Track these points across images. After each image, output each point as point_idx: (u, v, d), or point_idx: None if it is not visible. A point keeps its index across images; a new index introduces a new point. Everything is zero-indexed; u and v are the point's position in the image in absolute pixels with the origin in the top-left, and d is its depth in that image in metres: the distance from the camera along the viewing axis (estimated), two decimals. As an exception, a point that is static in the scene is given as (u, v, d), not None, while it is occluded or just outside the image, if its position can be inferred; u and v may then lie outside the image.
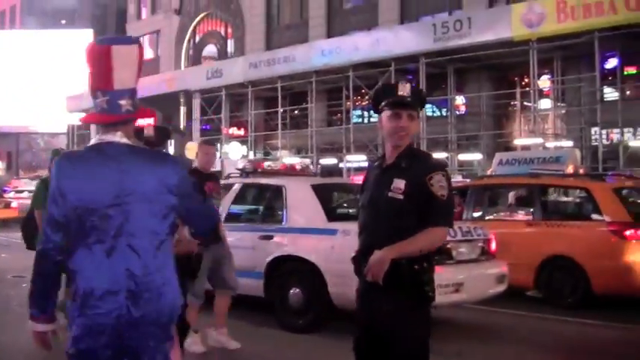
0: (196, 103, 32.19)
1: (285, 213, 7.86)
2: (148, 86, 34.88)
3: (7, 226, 22.68)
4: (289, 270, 7.58)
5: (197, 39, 40.74)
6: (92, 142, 2.86)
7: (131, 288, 2.68)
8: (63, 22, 52.60)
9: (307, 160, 27.41)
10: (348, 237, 6.97)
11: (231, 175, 9.65)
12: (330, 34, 30.97)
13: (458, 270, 7.07)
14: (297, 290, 7.38)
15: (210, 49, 39.74)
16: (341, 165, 27.32)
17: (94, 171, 2.73)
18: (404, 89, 3.46)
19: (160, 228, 2.79)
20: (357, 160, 26.00)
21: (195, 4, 39.88)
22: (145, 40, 45.20)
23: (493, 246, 7.82)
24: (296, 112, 31.49)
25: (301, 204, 7.82)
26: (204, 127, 33.00)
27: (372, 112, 3.79)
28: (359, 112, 29.70)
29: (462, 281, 6.92)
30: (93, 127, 34.76)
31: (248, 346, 6.67)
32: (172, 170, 2.86)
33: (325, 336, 7.19)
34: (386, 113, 3.49)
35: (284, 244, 7.71)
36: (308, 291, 7.31)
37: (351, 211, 8.55)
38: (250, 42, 35.81)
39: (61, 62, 44.93)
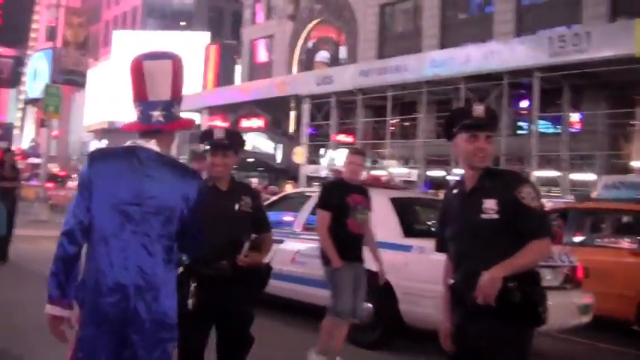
0: (306, 108, 32.52)
1: (362, 225, 7.65)
2: (260, 89, 35.75)
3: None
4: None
5: (310, 45, 41.23)
6: (127, 143, 3.02)
7: (139, 284, 2.81)
8: (182, 23, 54.51)
9: (412, 171, 27.09)
10: (422, 254, 6.80)
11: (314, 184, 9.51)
12: (443, 45, 30.57)
13: (537, 297, 6.63)
14: (368, 305, 7.15)
15: (323, 55, 40.16)
16: (448, 177, 26.84)
17: (121, 169, 2.89)
18: (479, 111, 3.43)
19: (172, 234, 2.94)
20: (465, 173, 25.43)
21: (310, 11, 40.37)
22: (260, 44, 46.16)
23: (579, 274, 7.34)
24: (405, 122, 31.23)
25: (378, 217, 7.57)
26: (311, 131, 33.24)
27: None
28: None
29: (542, 309, 6.49)
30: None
31: None
32: (193, 183, 3.00)
33: (392, 353, 7.02)
34: (463, 136, 3.44)
35: (359, 257, 7.50)
36: (378, 306, 7.14)
37: (432, 228, 8.25)
38: (362, 50, 35.88)
39: (178, 62, 46.72)
